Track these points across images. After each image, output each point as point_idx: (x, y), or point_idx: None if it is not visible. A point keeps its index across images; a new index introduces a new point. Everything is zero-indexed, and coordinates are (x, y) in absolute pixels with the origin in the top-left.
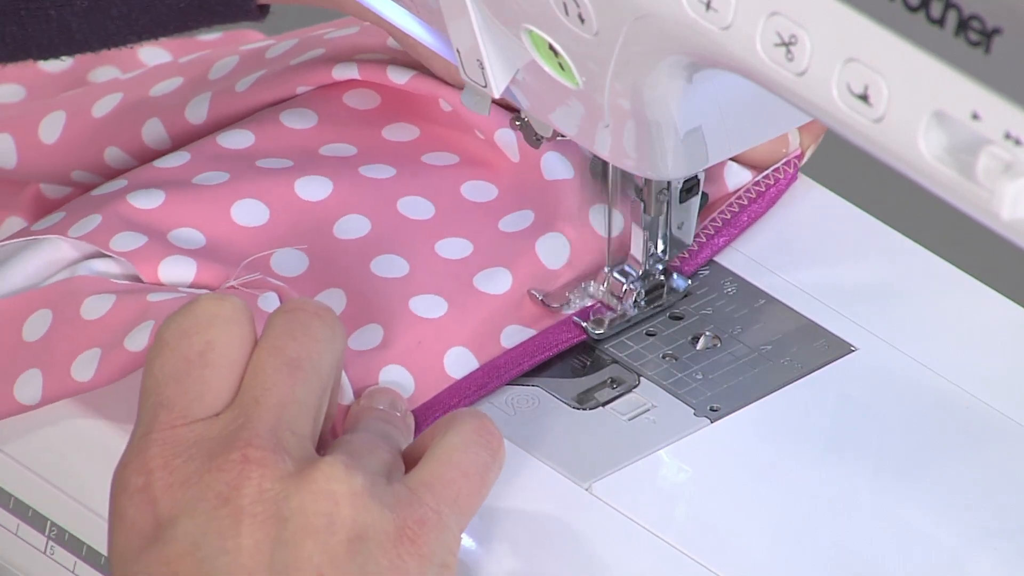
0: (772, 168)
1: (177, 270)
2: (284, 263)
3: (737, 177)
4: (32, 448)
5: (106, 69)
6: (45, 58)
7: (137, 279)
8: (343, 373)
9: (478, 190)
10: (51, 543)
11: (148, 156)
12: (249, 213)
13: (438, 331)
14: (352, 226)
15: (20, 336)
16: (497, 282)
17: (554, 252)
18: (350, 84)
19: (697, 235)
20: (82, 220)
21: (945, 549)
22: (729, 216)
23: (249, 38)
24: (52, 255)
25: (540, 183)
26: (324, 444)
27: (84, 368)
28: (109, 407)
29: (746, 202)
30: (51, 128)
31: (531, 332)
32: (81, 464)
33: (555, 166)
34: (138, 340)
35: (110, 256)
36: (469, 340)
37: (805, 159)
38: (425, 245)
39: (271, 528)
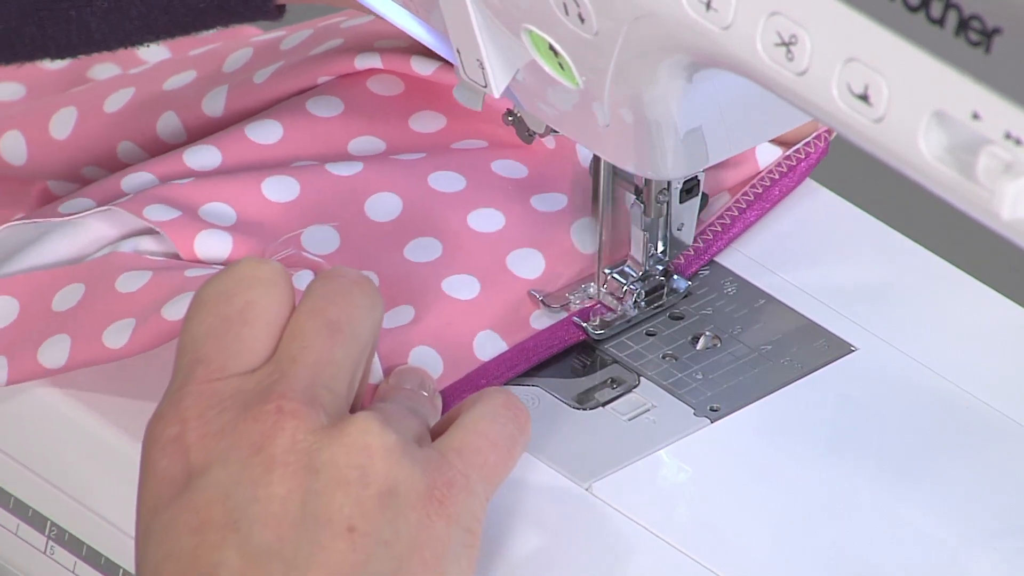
0: (803, 142)
1: (213, 243)
2: (316, 241)
3: (768, 155)
4: (32, 448)
5: (106, 66)
6: (63, 57)
7: (175, 257)
8: (374, 353)
9: (509, 168)
10: (51, 543)
11: (163, 150)
12: (280, 189)
13: (468, 312)
14: (383, 205)
15: (49, 306)
16: (529, 265)
17: (588, 237)
18: (372, 72)
19: (730, 208)
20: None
21: (945, 549)
22: (761, 190)
23: (245, 33)
24: (84, 236)
25: (575, 169)
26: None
27: (117, 336)
28: (110, 407)
29: (777, 176)
30: (62, 124)
31: (562, 315)
32: (81, 464)
33: (590, 154)
34: (175, 310)
35: (146, 235)
36: (499, 322)
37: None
38: (457, 217)
39: (303, 478)
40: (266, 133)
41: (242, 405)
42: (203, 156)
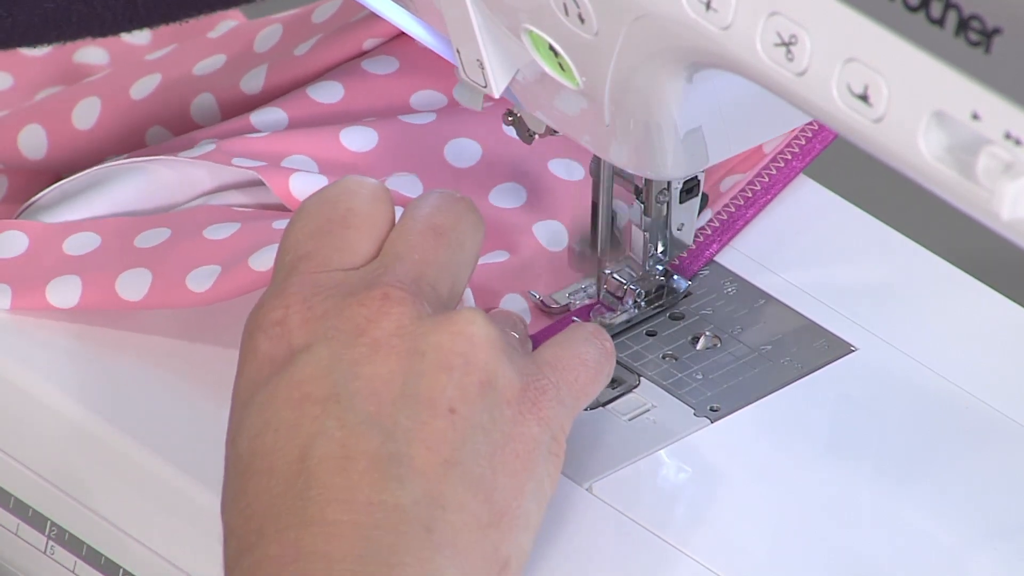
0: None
1: (309, 181)
2: (398, 187)
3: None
4: (32, 448)
5: (92, 49)
6: (105, 35)
7: (263, 208)
8: (467, 288)
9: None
10: (51, 543)
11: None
12: (358, 138)
13: (552, 263)
14: (463, 151)
15: (132, 242)
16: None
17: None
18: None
19: (752, 183)
20: (192, 149)
21: (945, 549)
22: (775, 171)
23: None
24: (159, 179)
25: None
26: None
27: (200, 281)
28: (110, 408)
29: (790, 157)
30: (86, 114)
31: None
32: (81, 464)
33: None
34: (262, 260)
35: (233, 190)
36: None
37: None
38: (537, 165)
39: (407, 360)
40: (328, 93)
41: (347, 292)
42: (269, 116)
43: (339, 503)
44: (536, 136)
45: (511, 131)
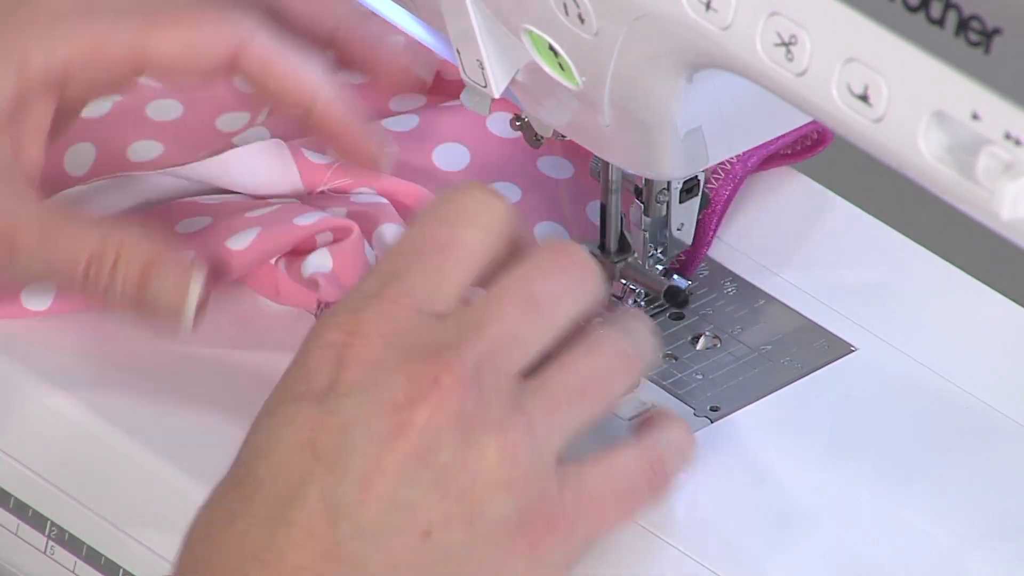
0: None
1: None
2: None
3: None
4: (32, 448)
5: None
6: None
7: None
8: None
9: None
10: (51, 543)
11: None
12: (451, 157)
13: None
14: (451, 155)
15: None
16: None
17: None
18: None
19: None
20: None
21: (945, 549)
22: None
23: None
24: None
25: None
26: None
27: (241, 240)
28: (110, 408)
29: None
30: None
31: None
32: (81, 464)
33: None
34: (240, 241)
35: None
36: None
37: None
38: (530, 162)
39: (413, 464)
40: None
41: (408, 350)
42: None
43: (289, 568)
44: (543, 140)
45: (495, 129)
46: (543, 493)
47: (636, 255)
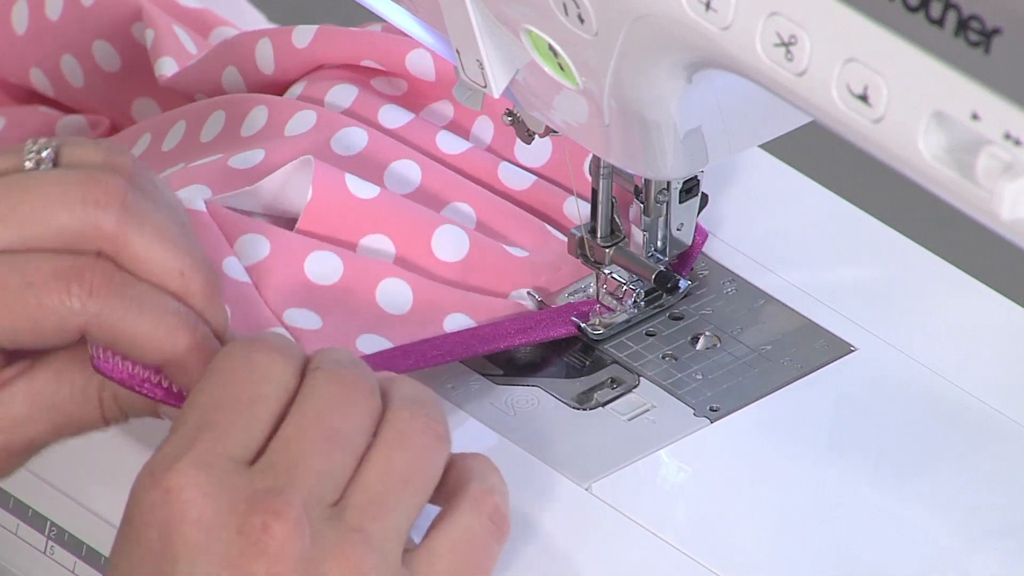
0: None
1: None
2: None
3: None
4: None
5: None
6: None
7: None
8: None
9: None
10: (51, 543)
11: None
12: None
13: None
14: (406, 173)
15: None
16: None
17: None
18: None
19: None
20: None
21: (945, 549)
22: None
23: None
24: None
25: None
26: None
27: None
28: None
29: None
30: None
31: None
32: (81, 464)
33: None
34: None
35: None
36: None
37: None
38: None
39: None
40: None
41: (231, 505)
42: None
43: None
44: (536, 136)
45: (445, 140)
46: None
47: (626, 239)
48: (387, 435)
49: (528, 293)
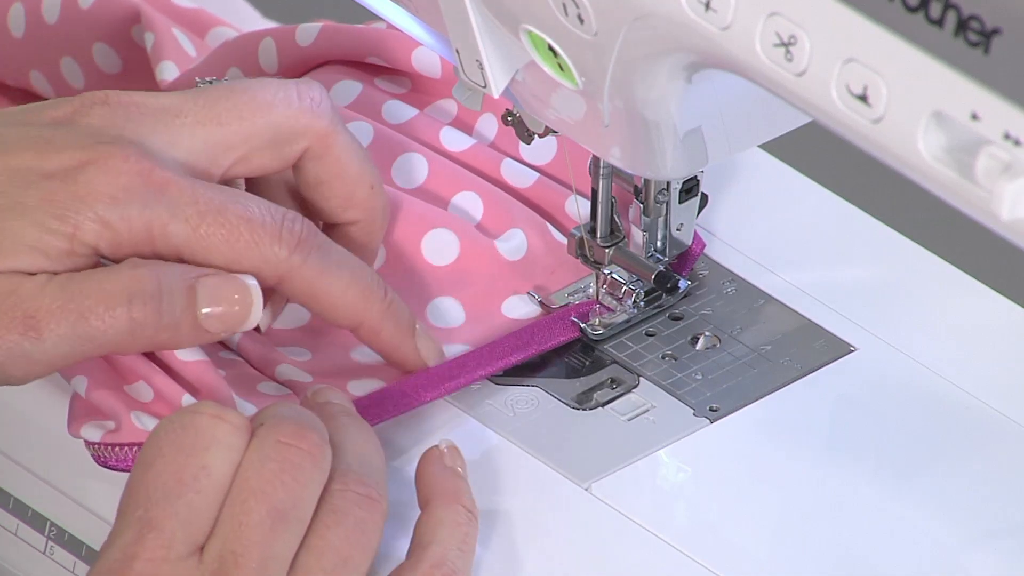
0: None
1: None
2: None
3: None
4: (32, 448)
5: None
6: None
7: None
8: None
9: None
10: (51, 543)
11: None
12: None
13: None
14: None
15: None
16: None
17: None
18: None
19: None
20: None
21: (945, 549)
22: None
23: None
24: None
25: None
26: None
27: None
28: None
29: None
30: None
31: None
32: (81, 464)
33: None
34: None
35: None
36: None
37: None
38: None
39: None
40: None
41: None
42: None
43: None
44: (535, 136)
45: (451, 137)
46: None
47: (626, 239)
48: (322, 514)
49: (529, 294)
